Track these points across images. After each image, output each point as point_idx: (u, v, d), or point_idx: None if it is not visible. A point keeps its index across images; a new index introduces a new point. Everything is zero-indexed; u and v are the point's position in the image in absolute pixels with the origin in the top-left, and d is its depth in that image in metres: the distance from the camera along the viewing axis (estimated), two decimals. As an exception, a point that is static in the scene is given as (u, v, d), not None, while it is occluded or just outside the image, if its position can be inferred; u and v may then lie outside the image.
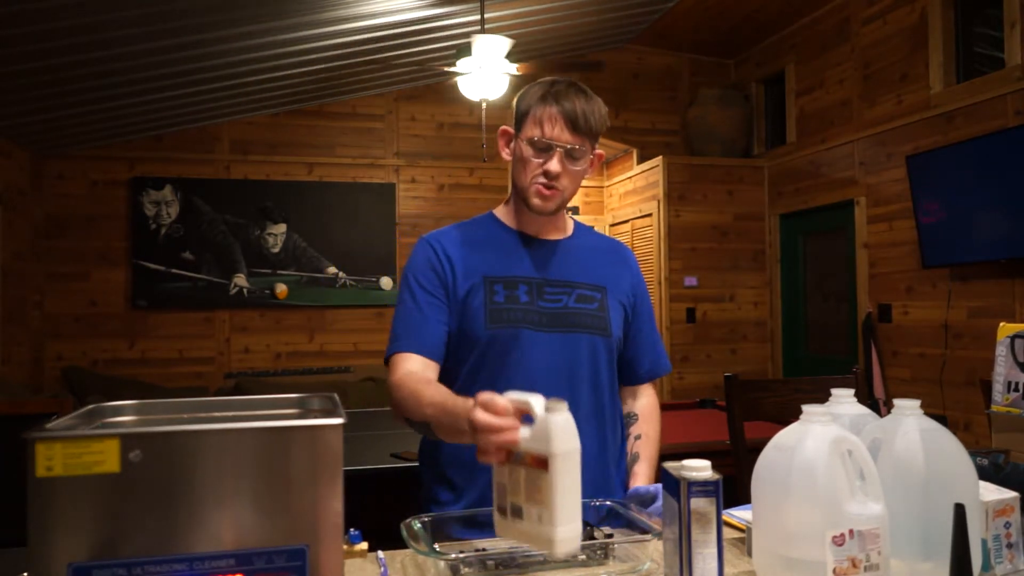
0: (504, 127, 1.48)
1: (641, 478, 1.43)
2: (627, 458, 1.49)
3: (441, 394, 1.22)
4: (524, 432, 0.94)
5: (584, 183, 6.90)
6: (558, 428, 0.91)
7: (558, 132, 1.36)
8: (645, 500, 1.32)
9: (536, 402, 0.94)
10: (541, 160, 1.38)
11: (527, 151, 1.39)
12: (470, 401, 1.01)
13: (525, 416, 0.95)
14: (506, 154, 1.46)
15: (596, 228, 6.82)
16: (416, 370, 1.34)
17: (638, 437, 1.50)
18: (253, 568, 0.83)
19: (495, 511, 0.97)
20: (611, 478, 1.46)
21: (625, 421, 1.53)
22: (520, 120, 1.42)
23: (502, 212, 1.51)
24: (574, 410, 1.39)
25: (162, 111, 5.17)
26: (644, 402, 1.55)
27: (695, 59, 6.44)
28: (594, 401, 1.43)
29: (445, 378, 1.40)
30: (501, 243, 1.46)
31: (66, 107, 4.65)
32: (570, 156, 1.38)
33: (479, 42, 3.77)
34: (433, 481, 1.46)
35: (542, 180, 1.38)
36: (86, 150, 5.50)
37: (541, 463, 0.91)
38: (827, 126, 5.26)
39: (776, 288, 5.84)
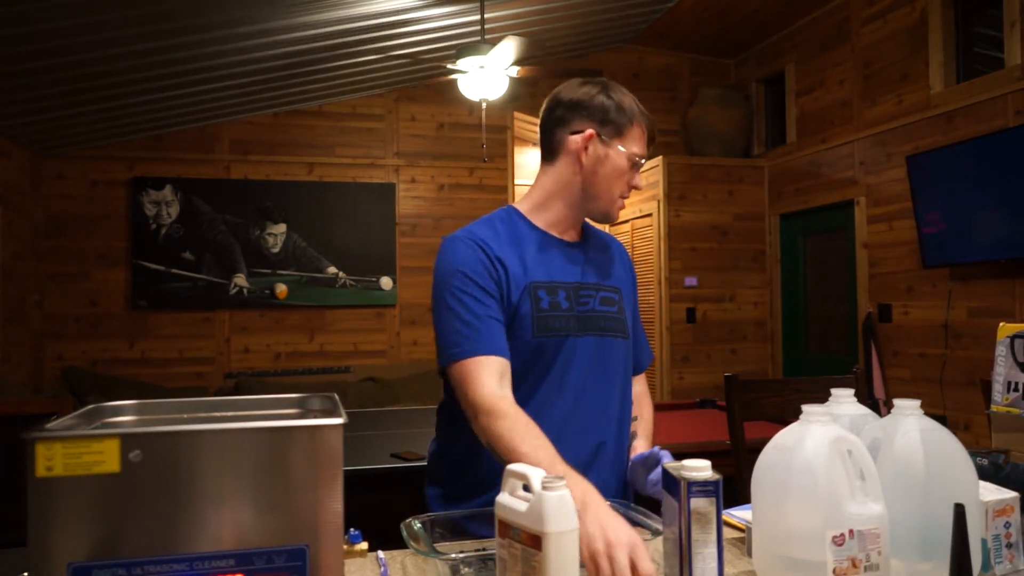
0: (592, 131, 1.38)
1: (641, 451, 1.48)
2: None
3: (547, 454, 1.14)
4: (520, 506, 0.93)
5: (584, 183, 6.94)
6: (553, 507, 0.90)
7: (645, 150, 1.42)
8: (649, 462, 1.36)
9: (535, 476, 0.93)
10: (631, 175, 1.41)
11: (624, 163, 1.39)
12: (578, 483, 1.07)
13: (524, 486, 0.95)
14: (585, 157, 1.39)
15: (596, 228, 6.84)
16: (507, 392, 1.26)
17: (635, 419, 1.53)
18: (253, 568, 0.83)
19: None
20: (624, 475, 1.48)
21: None
22: (622, 127, 1.38)
23: (527, 210, 1.45)
24: (606, 412, 1.43)
25: (162, 111, 5.17)
26: (638, 389, 1.59)
27: (695, 59, 6.44)
28: (621, 401, 1.46)
29: None
30: (536, 245, 1.41)
31: (66, 107, 4.65)
32: None
33: (500, 46, 3.71)
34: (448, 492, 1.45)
35: (626, 192, 1.42)
36: (86, 150, 5.50)
37: (535, 542, 0.90)
38: (827, 126, 5.26)
39: (776, 288, 5.84)
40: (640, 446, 1.49)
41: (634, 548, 0.98)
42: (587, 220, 1.50)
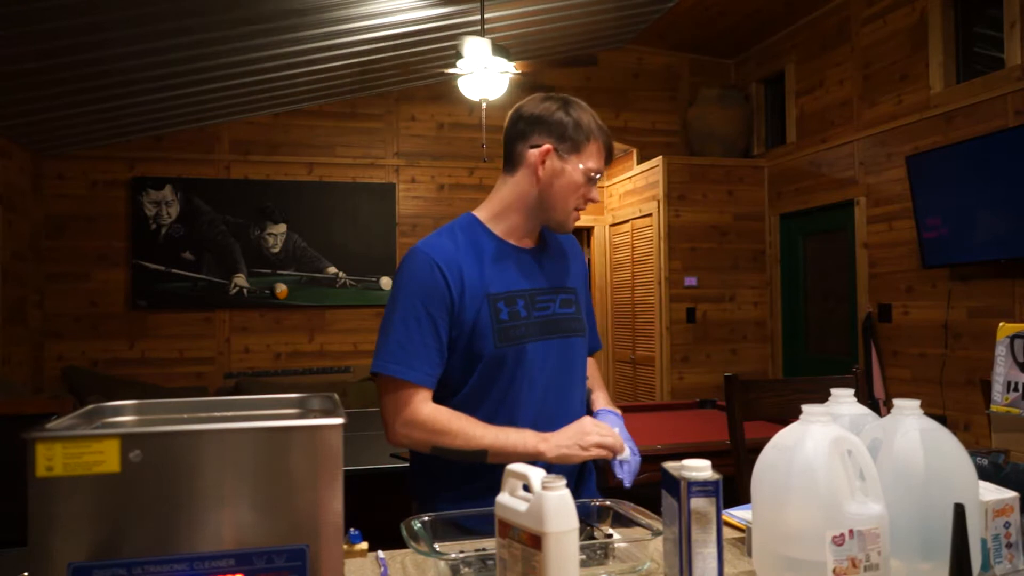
0: (548, 146, 1.44)
1: (602, 402, 1.62)
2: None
3: (490, 427, 1.38)
4: (520, 506, 0.94)
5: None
6: (553, 507, 0.90)
7: (602, 165, 1.48)
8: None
9: (535, 476, 0.94)
10: (586, 189, 1.47)
11: (580, 178, 1.45)
12: (529, 433, 1.39)
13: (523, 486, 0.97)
14: (541, 171, 1.44)
15: (596, 228, 6.83)
16: (440, 407, 1.40)
17: (585, 377, 1.62)
18: (253, 568, 0.83)
19: None
20: (587, 466, 1.57)
21: None
22: (579, 143, 1.44)
23: (486, 218, 1.50)
24: (569, 410, 1.49)
25: (162, 111, 5.17)
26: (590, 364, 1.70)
27: (695, 59, 6.44)
28: (579, 398, 1.54)
29: (446, 392, 1.44)
30: (494, 255, 1.46)
31: (66, 107, 4.65)
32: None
33: (469, 44, 3.76)
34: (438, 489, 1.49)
35: (582, 205, 1.48)
36: (86, 150, 5.50)
37: (535, 542, 0.90)
38: (827, 126, 5.26)
39: (776, 288, 5.84)
40: (600, 397, 1.62)
41: (592, 429, 1.40)
42: None
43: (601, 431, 1.41)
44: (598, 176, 1.47)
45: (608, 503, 1.30)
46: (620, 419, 1.55)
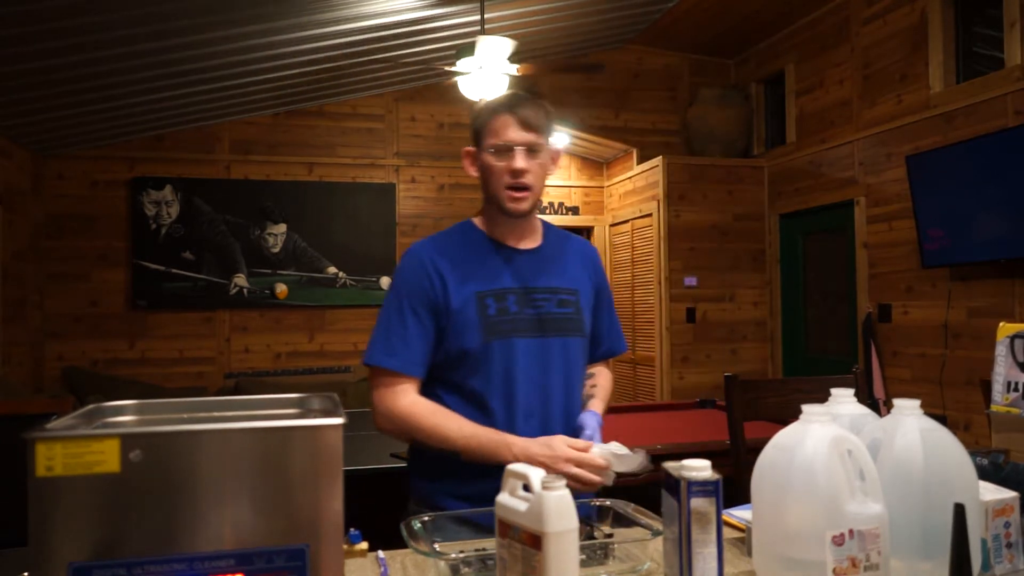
0: (466, 148, 1.55)
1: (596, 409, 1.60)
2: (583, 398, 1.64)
3: (471, 426, 1.41)
4: (520, 506, 0.94)
5: (584, 183, 6.93)
6: (552, 506, 0.90)
7: (514, 134, 1.46)
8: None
9: (535, 476, 0.94)
10: (505, 163, 1.47)
11: (491, 159, 1.48)
12: (502, 437, 1.39)
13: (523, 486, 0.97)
14: (473, 172, 1.55)
15: (596, 228, 6.83)
16: (421, 400, 1.46)
17: (594, 385, 1.65)
18: (253, 568, 0.83)
19: None
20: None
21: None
22: (478, 135, 1.51)
23: (481, 223, 1.57)
24: (556, 409, 1.49)
25: (162, 111, 5.17)
26: (599, 367, 1.71)
27: (695, 59, 6.44)
28: (565, 400, 1.53)
29: (437, 383, 1.49)
30: (487, 255, 1.53)
31: (66, 107, 4.65)
32: (531, 152, 1.47)
33: (482, 43, 3.77)
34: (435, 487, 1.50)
35: (510, 181, 1.47)
36: (86, 150, 5.50)
37: (535, 541, 0.90)
38: (827, 126, 5.26)
39: (776, 288, 5.84)
40: (595, 405, 1.61)
41: (563, 451, 1.35)
42: (552, 225, 1.65)
43: (576, 459, 1.35)
44: (510, 145, 1.46)
45: (608, 503, 1.30)
46: (597, 419, 1.53)
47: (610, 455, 1.35)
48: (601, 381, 1.68)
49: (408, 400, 1.44)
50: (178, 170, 5.64)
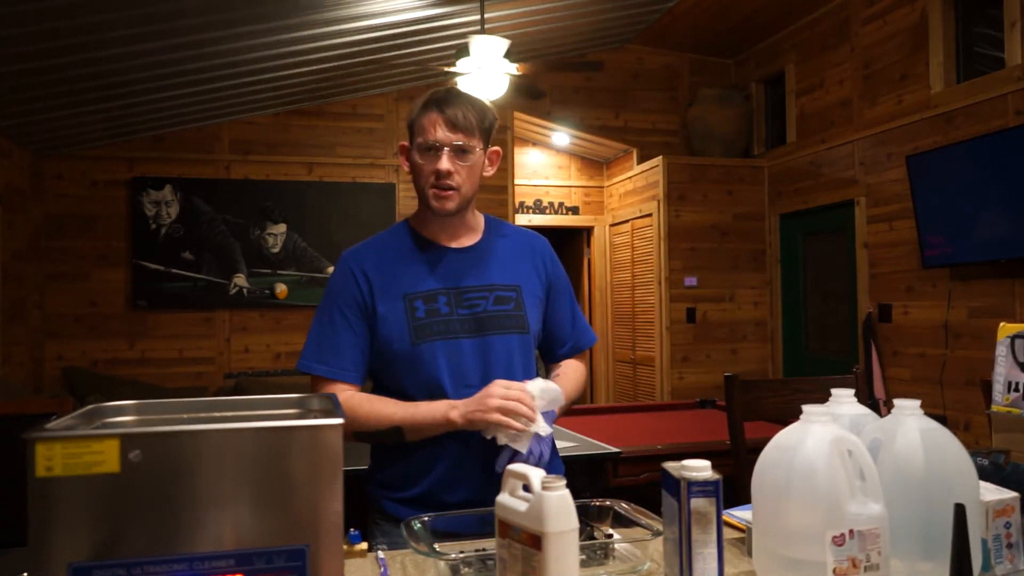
0: (402, 143, 1.54)
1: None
2: None
3: (403, 403, 1.42)
4: (520, 506, 0.94)
5: (584, 183, 6.93)
6: (553, 507, 0.90)
7: (442, 134, 1.43)
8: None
9: (535, 476, 0.94)
10: (431, 164, 1.45)
11: (418, 157, 1.46)
12: (441, 402, 1.39)
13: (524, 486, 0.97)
14: (406, 167, 1.53)
15: (596, 228, 6.83)
16: (355, 393, 1.46)
17: (557, 375, 1.58)
18: (253, 568, 0.83)
19: None
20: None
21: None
22: (410, 132, 1.49)
23: (417, 222, 1.56)
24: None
25: (162, 111, 5.17)
26: (566, 362, 1.63)
27: (695, 59, 6.44)
28: None
29: (376, 390, 1.51)
30: (417, 255, 1.51)
31: (66, 107, 4.65)
32: (458, 153, 1.44)
33: (477, 42, 3.77)
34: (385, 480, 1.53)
35: (435, 181, 1.45)
36: (86, 150, 5.49)
37: (535, 542, 0.90)
38: (827, 126, 5.26)
39: (776, 288, 5.84)
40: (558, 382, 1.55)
41: (490, 402, 1.32)
42: (498, 220, 1.64)
43: (507, 394, 1.33)
44: (428, 144, 1.44)
45: (608, 503, 1.30)
46: (549, 388, 1.42)
47: (539, 390, 1.36)
48: (566, 371, 1.61)
49: (342, 397, 1.42)
50: (178, 170, 5.63)
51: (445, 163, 1.43)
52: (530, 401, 1.35)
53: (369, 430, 1.42)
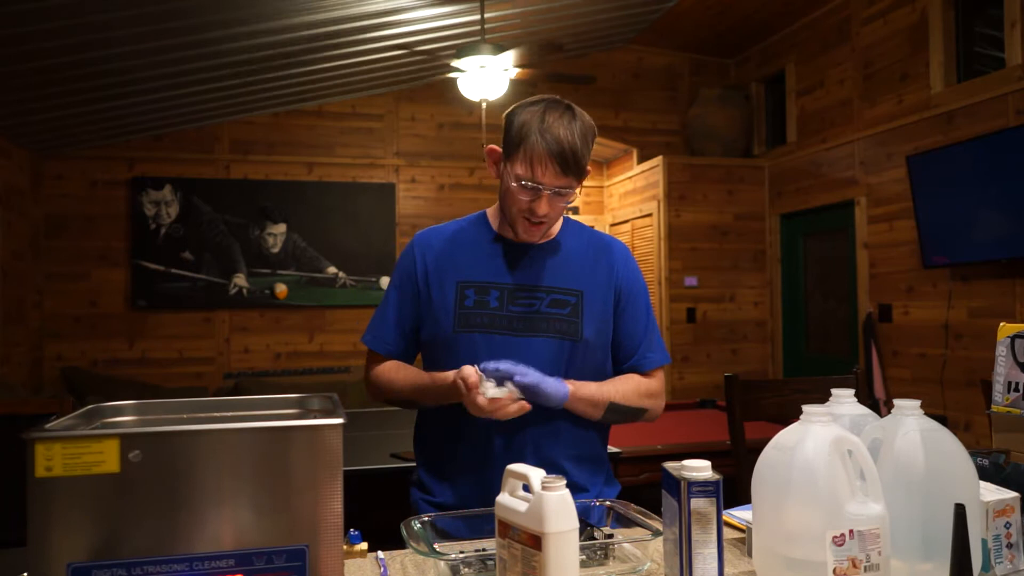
0: (492, 147, 1.46)
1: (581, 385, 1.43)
2: None
3: (417, 373, 1.48)
4: (520, 506, 0.94)
5: (584, 183, 6.95)
6: (553, 507, 0.90)
7: (549, 177, 1.35)
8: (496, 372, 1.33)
9: (535, 476, 0.94)
10: (528, 198, 1.38)
11: (514, 182, 1.38)
12: (449, 373, 1.37)
13: (524, 486, 0.97)
14: (495, 173, 1.47)
15: (597, 228, 6.83)
16: (389, 362, 1.54)
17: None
18: (253, 568, 0.83)
19: None
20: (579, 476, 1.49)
21: None
22: (511, 147, 1.39)
23: (492, 213, 1.55)
24: (534, 412, 1.38)
25: (162, 111, 5.17)
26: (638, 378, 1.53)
27: (695, 59, 6.43)
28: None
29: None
30: (483, 246, 1.50)
31: (66, 107, 4.65)
32: (557, 195, 1.38)
33: (483, 50, 3.78)
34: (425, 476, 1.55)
35: (528, 215, 1.40)
36: (86, 150, 5.49)
37: (535, 542, 0.90)
38: (827, 126, 5.26)
39: (776, 288, 5.84)
40: (577, 385, 1.44)
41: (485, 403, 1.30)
42: (578, 223, 1.59)
43: (460, 374, 1.33)
44: (528, 185, 1.35)
45: (608, 503, 1.30)
46: (528, 370, 1.34)
47: (491, 387, 1.32)
48: (616, 380, 1.50)
49: (379, 367, 1.53)
50: (177, 170, 5.63)
51: (544, 207, 1.37)
52: (475, 379, 1.31)
53: (402, 395, 1.49)
